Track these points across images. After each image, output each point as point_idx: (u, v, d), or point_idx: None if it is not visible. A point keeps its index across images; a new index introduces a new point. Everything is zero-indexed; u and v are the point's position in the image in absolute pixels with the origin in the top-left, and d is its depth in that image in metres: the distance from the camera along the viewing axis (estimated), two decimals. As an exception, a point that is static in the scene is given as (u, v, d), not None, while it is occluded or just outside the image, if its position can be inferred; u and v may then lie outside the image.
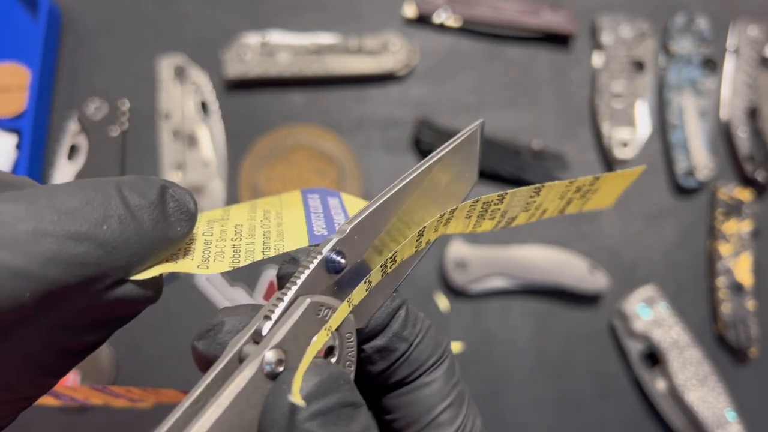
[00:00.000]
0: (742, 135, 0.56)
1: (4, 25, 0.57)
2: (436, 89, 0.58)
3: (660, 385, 0.52)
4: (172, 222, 0.16)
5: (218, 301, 0.53)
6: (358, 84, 0.57)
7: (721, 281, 0.53)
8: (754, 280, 0.54)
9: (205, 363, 0.17)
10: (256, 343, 0.15)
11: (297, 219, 0.20)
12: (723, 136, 0.58)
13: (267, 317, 0.16)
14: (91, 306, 0.15)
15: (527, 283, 0.53)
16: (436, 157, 0.20)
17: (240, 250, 0.18)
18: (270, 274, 0.53)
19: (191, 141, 0.55)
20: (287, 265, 0.18)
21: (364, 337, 0.19)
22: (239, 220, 0.20)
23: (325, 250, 0.17)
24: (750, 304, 0.53)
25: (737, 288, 0.53)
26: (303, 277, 0.16)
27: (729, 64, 0.58)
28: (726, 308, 0.53)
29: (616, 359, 0.53)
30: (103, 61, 0.58)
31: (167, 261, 0.17)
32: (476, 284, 0.53)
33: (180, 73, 0.56)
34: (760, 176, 0.56)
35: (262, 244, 0.18)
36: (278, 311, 0.16)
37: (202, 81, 0.56)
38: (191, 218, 0.17)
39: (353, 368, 0.18)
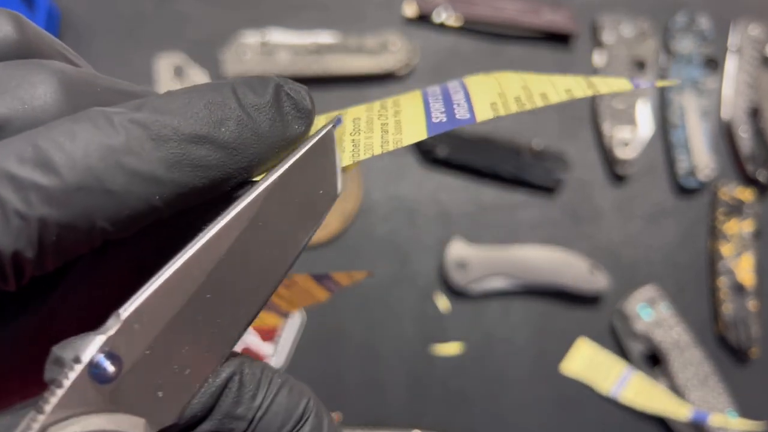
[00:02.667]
0: (743, 135, 0.56)
1: (2, 24, 0.56)
2: (437, 89, 0.58)
3: (661, 385, 0.52)
4: (289, 120, 0.16)
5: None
6: (358, 84, 0.57)
7: (722, 281, 0.53)
8: (755, 280, 0.54)
9: None
10: None
11: (415, 105, 0.19)
12: (724, 136, 0.57)
13: None
14: (220, 208, 0.15)
15: (527, 283, 0.53)
16: (269, 182, 0.15)
17: (359, 145, 0.17)
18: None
19: (190, 140, 0.55)
20: (51, 367, 0.13)
21: (182, 427, 0.15)
22: (357, 114, 0.19)
23: (85, 357, 0.13)
24: (751, 304, 0.53)
25: (738, 288, 0.53)
26: (53, 401, 0.12)
27: (730, 64, 0.58)
28: (727, 309, 0.53)
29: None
30: (102, 60, 0.58)
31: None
32: (476, 284, 0.52)
33: (179, 73, 0.56)
34: (761, 176, 0.55)
35: (380, 138, 0.18)
36: None
37: (201, 81, 0.56)
38: (308, 115, 0.17)
39: None
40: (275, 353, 0.51)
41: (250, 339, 0.52)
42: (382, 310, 0.53)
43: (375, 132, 0.18)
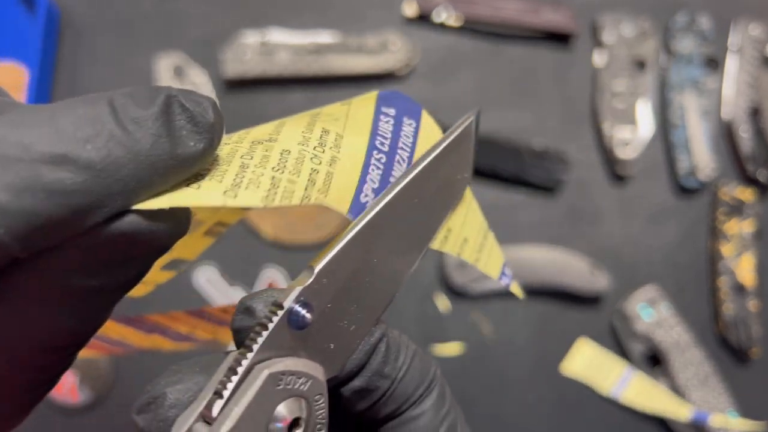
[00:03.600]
0: (744, 135, 0.56)
1: (1, 24, 0.56)
2: (437, 89, 0.57)
3: (661, 385, 0.52)
4: (182, 136, 0.14)
5: (218, 301, 0.52)
6: (358, 83, 0.57)
7: (723, 282, 0.53)
8: (756, 280, 0.54)
9: None
10: (206, 422, 0.13)
11: (354, 155, 0.17)
12: (725, 135, 0.57)
13: (218, 393, 0.13)
14: (95, 243, 0.13)
15: (528, 283, 0.53)
16: (426, 162, 0.17)
17: (279, 186, 0.15)
18: (269, 274, 0.53)
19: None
20: (242, 316, 0.15)
21: (339, 381, 0.16)
22: (288, 144, 0.17)
23: (287, 303, 0.14)
24: (752, 304, 0.53)
25: (739, 288, 0.53)
26: (260, 341, 0.14)
27: (731, 64, 0.58)
28: (727, 309, 0.53)
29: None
30: (102, 60, 0.58)
31: (187, 185, 0.14)
32: (477, 284, 0.52)
33: (179, 73, 0.56)
34: (762, 176, 0.55)
35: (304, 189, 0.16)
36: (231, 386, 0.14)
37: (201, 80, 0.56)
38: (208, 131, 0.14)
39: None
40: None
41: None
42: (382, 311, 0.53)
43: (301, 177, 0.16)
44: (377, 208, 0.16)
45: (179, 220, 0.14)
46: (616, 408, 0.52)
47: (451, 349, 0.53)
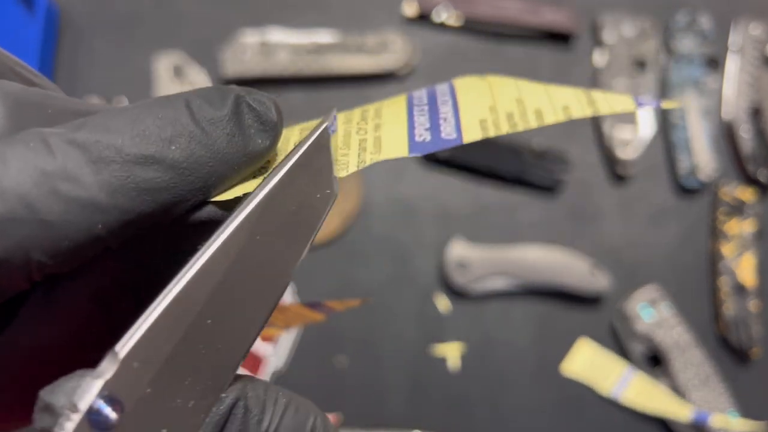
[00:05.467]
0: (744, 135, 0.56)
1: (1, 24, 0.56)
2: (437, 88, 0.57)
3: (662, 386, 0.51)
4: (251, 134, 0.15)
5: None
6: (359, 83, 0.57)
7: (724, 282, 0.53)
8: (756, 280, 0.54)
9: None
10: None
11: (398, 117, 0.18)
12: (725, 135, 0.57)
13: None
14: (178, 232, 0.14)
15: (528, 283, 0.52)
16: (265, 192, 0.14)
17: (338, 159, 0.16)
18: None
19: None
20: (41, 415, 0.12)
21: None
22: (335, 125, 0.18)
23: (83, 405, 0.12)
24: (752, 304, 0.53)
25: (739, 289, 0.53)
26: None
27: (731, 64, 0.58)
28: (728, 309, 0.53)
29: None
30: (101, 59, 0.58)
31: (254, 177, 0.15)
32: (477, 284, 0.52)
33: (179, 72, 0.56)
34: (762, 176, 0.55)
35: (357, 157, 0.16)
36: None
37: (200, 80, 0.56)
38: (273, 128, 0.15)
39: None
40: (275, 354, 0.51)
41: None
42: (382, 310, 0.53)
43: (352, 149, 0.17)
44: (204, 258, 0.13)
45: None
46: (617, 408, 0.52)
47: (451, 349, 0.53)
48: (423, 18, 0.58)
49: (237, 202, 0.14)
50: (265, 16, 0.58)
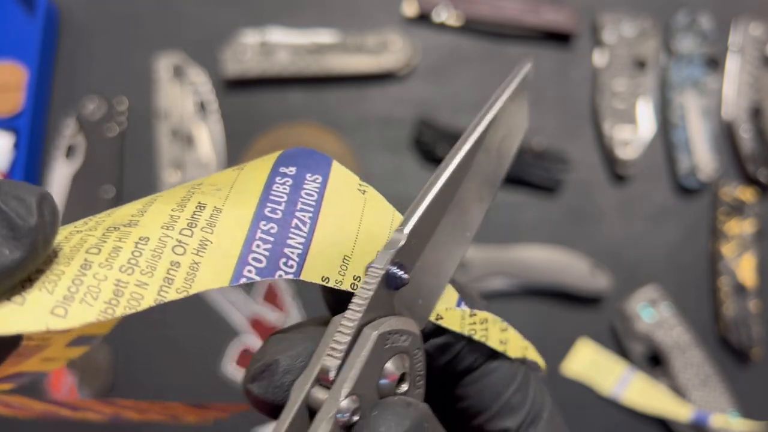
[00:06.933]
0: (744, 135, 0.56)
1: (1, 24, 0.56)
2: (437, 88, 0.57)
3: (662, 386, 0.51)
4: None
5: (217, 301, 0.52)
6: (358, 83, 0.57)
7: (724, 282, 0.53)
8: (756, 280, 0.54)
9: (264, 406, 0.15)
10: (322, 386, 0.14)
11: (237, 226, 0.15)
12: (725, 135, 0.57)
13: (332, 357, 0.14)
14: None
15: (528, 283, 0.52)
16: (495, 110, 0.18)
17: (124, 293, 0.13)
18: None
19: (190, 141, 0.55)
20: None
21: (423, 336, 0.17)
22: (150, 228, 0.14)
23: (384, 265, 0.15)
24: (752, 304, 0.53)
25: (740, 289, 0.53)
26: (365, 302, 0.15)
27: (731, 64, 0.58)
28: (728, 309, 0.53)
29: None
30: (101, 59, 0.58)
31: (9, 298, 0.12)
32: (477, 284, 0.52)
33: (178, 73, 0.56)
34: (762, 176, 0.55)
35: (157, 291, 0.13)
36: (343, 349, 0.14)
37: (200, 80, 0.56)
38: (28, 234, 0.12)
39: (423, 383, 0.17)
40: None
41: (250, 338, 0.52)
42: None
43: (156, 275, 0.13)
44: (455, 162, 0.17)
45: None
46: (617, 408, 0.52)
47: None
48: (423, 18, 0.58)
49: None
50: (265, 16, 0.58)
